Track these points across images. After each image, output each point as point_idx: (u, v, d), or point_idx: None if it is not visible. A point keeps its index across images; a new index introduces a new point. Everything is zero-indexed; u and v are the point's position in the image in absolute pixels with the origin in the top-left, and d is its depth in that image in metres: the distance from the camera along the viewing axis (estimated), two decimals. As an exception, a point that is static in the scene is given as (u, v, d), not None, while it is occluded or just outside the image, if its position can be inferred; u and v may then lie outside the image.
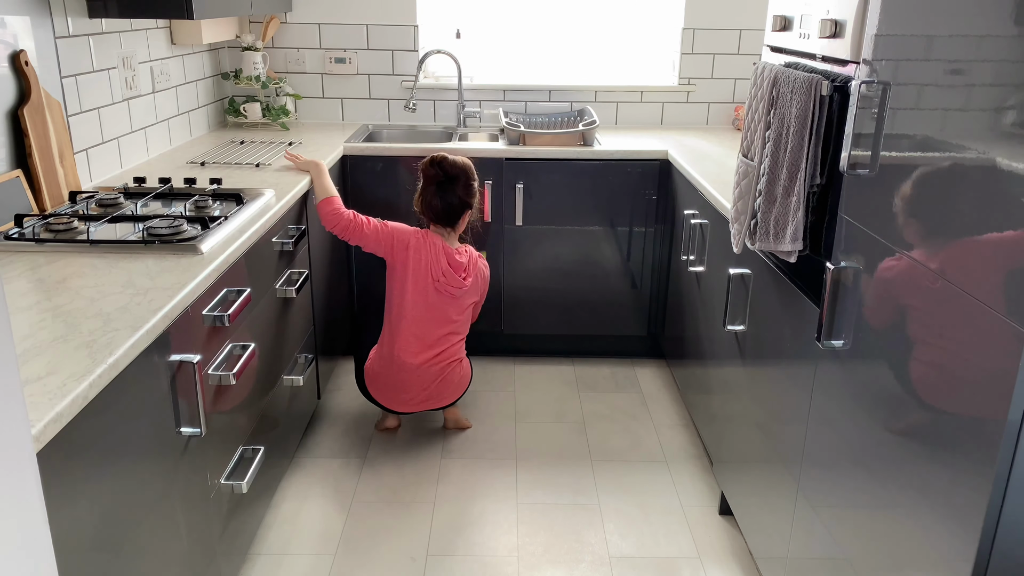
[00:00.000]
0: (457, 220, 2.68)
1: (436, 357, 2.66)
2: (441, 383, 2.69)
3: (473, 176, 2.70)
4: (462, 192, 2.65)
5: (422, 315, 2.63)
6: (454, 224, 2.68)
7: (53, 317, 1.45)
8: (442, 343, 2.67)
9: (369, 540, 2.30)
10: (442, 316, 2.65)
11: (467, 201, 2.67)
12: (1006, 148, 1.09)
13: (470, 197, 2.68)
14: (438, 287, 2.62)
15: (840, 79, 1.61)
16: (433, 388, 2.69)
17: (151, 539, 1.51)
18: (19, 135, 2.07)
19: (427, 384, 2.67)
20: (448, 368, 2.69)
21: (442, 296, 2.64)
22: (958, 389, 1.19)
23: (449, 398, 2.75)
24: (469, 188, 2.67)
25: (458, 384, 2.74)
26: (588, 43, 3.71)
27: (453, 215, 2.66)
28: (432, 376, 2.67)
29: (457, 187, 2.64)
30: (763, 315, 2.04)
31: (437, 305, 2.64)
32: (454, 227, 2.69)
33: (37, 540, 0.93)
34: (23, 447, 0.89)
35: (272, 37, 3.53)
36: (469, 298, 2.71)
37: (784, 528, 1.87)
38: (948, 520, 1.21)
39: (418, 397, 2.69)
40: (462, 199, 2.65)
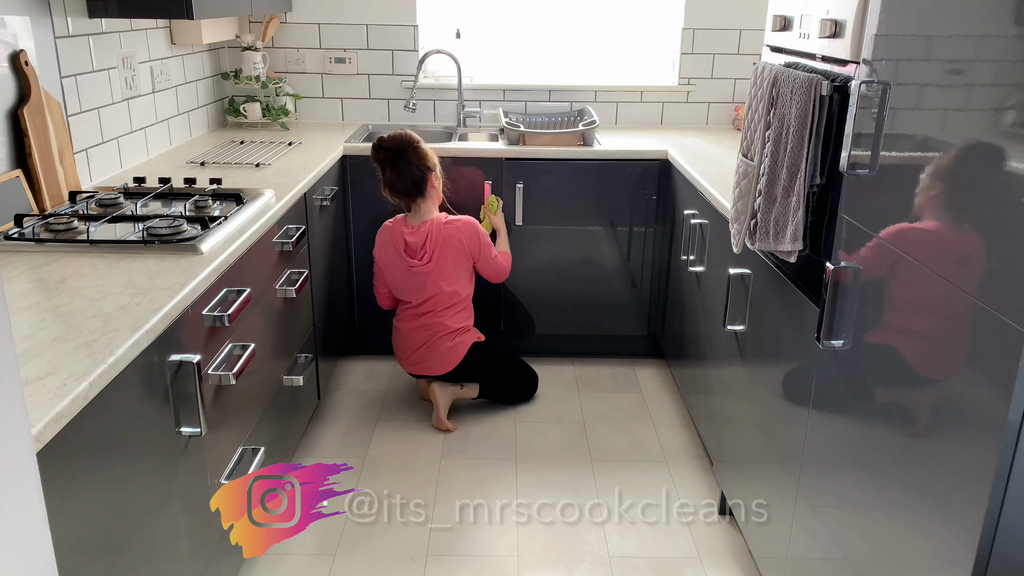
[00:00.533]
0: (423, 188, 2.76)
1: (423, 327, 2.84)
2: (427, 349, 2.85)
3: (415, 141, 2.77)
4: (415, 160, 2.74)
5: (405, 287, 2.85)
6: (422, 193, 2.77)
7: (53, 317, 1.45)
8: (424, 315, 2.84)
9: (369, 540, 2.30)
10: (423, 287, 2.81)
11: (422, 166, 2.75)
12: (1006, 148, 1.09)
13: (424, 161, 2.76)
14: (405, 268, 2.81)
15: (840, 79, 1.61)
16: (421, 352, 2.86)
17: (151, 539, 1.51)
18: (19, 135, 2.07)
19: (416, 347, 2.87)
20: (436, 338, 2.84)
21: (414, 275, 2.81)
22: (958, 389, 1.19)
23: (438, 367, 2.87)
24: (418, 153, 2.76)
25: (446, 355, 2.84)
26: (588, 43, 3.71)
27: (416, 186, 2.75)
28: (419, 342, 2.86)
29: (407, 158, 2.74)
30: (763, 315, 2.04)
31: (413, 283, 2.82)
32: (423, 195, 2.78)
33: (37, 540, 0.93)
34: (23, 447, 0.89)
35: (272, 37, 3.53)
36: (448, 269, 2.79)
37: (784, 528, 1.87)
38: (948, 520, 1.21)
39: (411, 358, 2.90)
40: (417, 166, 2.74)
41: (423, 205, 2.80)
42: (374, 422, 2.93)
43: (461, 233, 2.81)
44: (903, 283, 1.34)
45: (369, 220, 3.20)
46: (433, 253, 2.77)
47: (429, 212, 2.80)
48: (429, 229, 2.77)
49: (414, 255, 2.78)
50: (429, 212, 2.80)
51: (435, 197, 2.82)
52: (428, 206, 2.80)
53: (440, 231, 2.78)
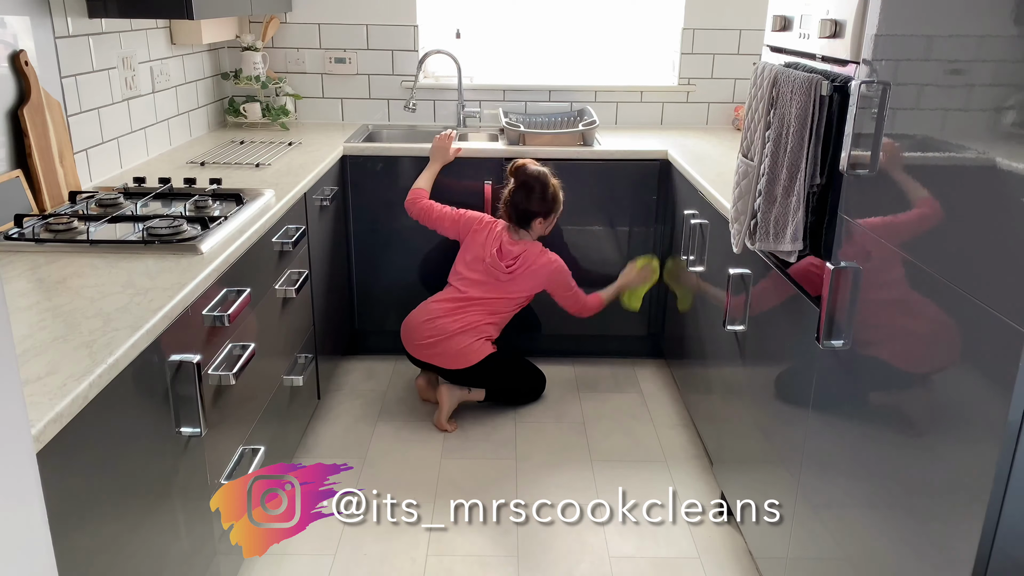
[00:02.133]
0: (527, 223, 2.91)
1: (453, 314, 2.86)
2: (447, 340, 2.85)
3: (548, 186, 2.89)
4: (536, 201, 2.88)
5: (462, 277, 2.93)
6: (525, 226, 2.92)
7: (53, 317, 1.45)
8: (466, 306, 2.88)
9: (369, 540, 2.30)
10: (479, 285, 2.89)
11: (537, 210, 2.89)
12: (1006, 148, 1.09)
13: (542, 207, 2.90)
14: (486, 266, 2.89)
15: (840, 79, 1.61)
16: (437, 342, 2.86)
17: (151, 539, 1.51)
18: (19, 135, 2.07)
19: (435, 333, 2.86)
20: (459, 331, 2.84)
21: (489, 274, 2.89)
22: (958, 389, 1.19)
23: (449, 362, 2.86)
24: (543, 198, 2.89)
25: (460, 354, 2.85)
26: (588, 43, 3.71)
27: (523, 217, 2.90)
28: (442, 328, 2.85)
29: (530, 194, 2.87)
30: (763, 315, 2.04)
31: (484, 283, 2.89)
32: (527, 228, 2.92)
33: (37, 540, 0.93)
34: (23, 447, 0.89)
35: (272, 37, 3.53)
36: (517, 288, 2.91)
37: (784, 528, 1.87)
38: (948, 520, 1.21)
39: (424, 342, 2.89)
40: (532, 208, 2.88)
41: (524, 232, 2.93)
42: (374, 422, 2.93)
43: (547, 270, 2.91)
44: (903, 283, 1.34)
45: (369, 220, 3.20)
46: (518, 270, 2.88)
47: (526, 238, 2.93)
48: (525, 249, 2.90)
49: (503, 259, 2.87)
50: (526, 238, 2.93)
51: (535, 235, 2.94)
52: (528, 235, 2.93)
53: (535, 258, 2.90)
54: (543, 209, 2.90)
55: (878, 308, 1.43)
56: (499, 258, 2.88)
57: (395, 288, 3.30)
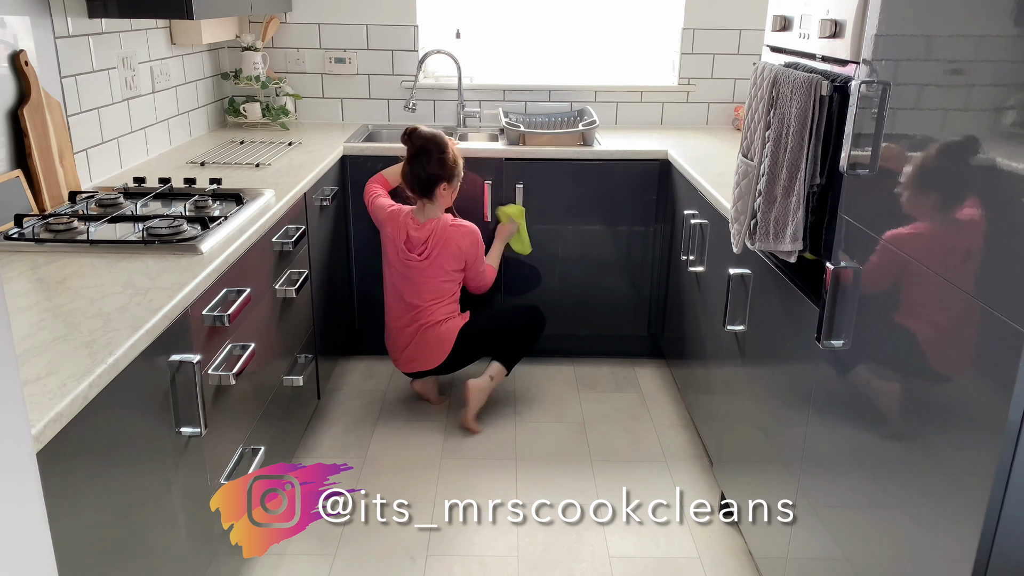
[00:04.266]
0: (431, 191, 2.78)
1: (411, 320, 2.84)
2: (417, 345, 2.85)
3: (443, 147, 2.78)
4: (434, 164, 2.75)
5: (396, 283, 2.85)
6: (429, 195, 2.79)
7: (53, 317, 1.45)
8: (415, 308, 2.83)
9: (369, 540, 2.30)
10: (414, 286, 2.81)
11: (438, 173, 2.76)
12: (1006, 148, 1.09)
13: (442, 169, 2.77)
14: (401, 260, 2.81)
15: (840, 79, 1.61)
16: (412, 349, 2.86)
17: (151, 539, 1.51)
18: (19, 135, 2.07)
19: (405, 345, 2.87)
20: (422, 331, 2.83)
21: (409, 268, 2.80)
22: (958, 389, 1.19)
23: (431, 360, 2.86)
24: (442, 160, 2.76)
25: (436, 346, 2.83)
26: (588, 43, 3.71)
27: (425, 186, 2.77)
28: (408, 337, 2.86)
29: (428, 158, 2.75)
30: (763, 315, 2.04)
31: (407, 275, 2.81)
32: (430, 198, 2.79)
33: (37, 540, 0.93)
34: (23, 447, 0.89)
35: (272, 37, 3.53)
36: (441, 268, 2.80)
37: (784, 528, 1.87)
38: (948, 520, 1.21)
39: (404, 357, 2.90)
40: (432, 171, 2.75)
41: (427, 206, 2.81)
42: (374, 422, 2.93)
43: (463, 239, 2.81)
44: (903, 283, 1.34)
45: (369, 220, 3.20)
46: (432, 252, 2.78)
47: (433, 213, 2.82)
48: (433, 228, 2.78)
49: (413, 249, 2.79)
50: (433, 213, 2.82)
51: (442, 203, 2.83)
52: (433, 208, 2.81)
53: (444, 232, 2.78)
54: (445, 172, 2.76)
55: (878, 308, 1.43)
56: (408, 248, 2.78)
57: (395, 288, 3.29)
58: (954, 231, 1.20)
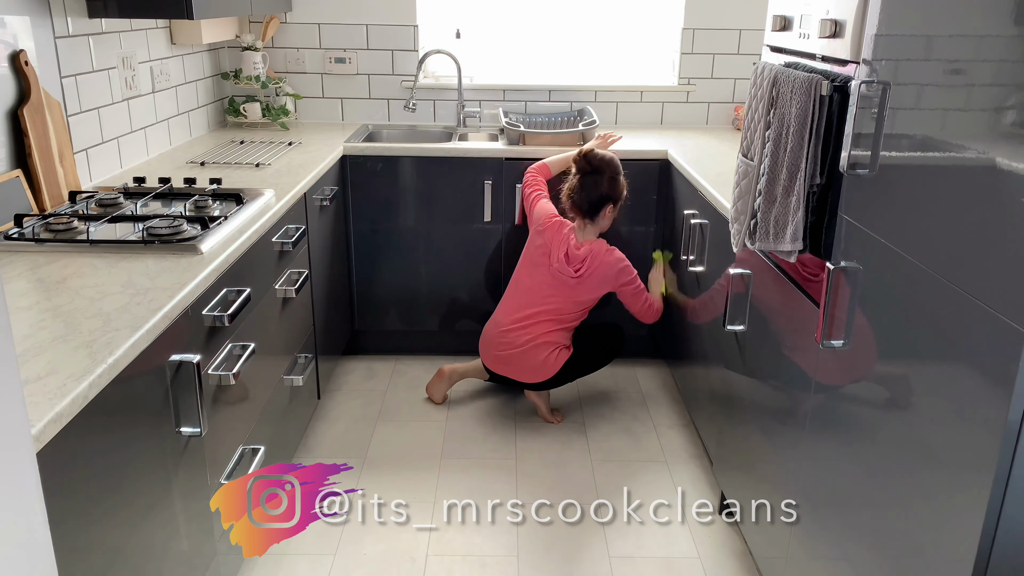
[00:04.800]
0: (598, 211, 2.81)
1: (525, 326, 2.82)
2: (521, 355, 2.82)
3: (617, 169, 2.83)
4: (606, 184, 2.79)
5: (527, 287, 2.85)
6: (594, 215, 2.81)
7: (53, 317, 1.45)
8: (534, 319, 2.82)
9: (369, 540, 2.30)
10: (544, 296, 2.82)
11: (608, 194, 2.80)
12: (1006, 148, 1.09)
13: (613, 190, 2.81)
14: (552, 272, 2.81)
15: (840, 79, 1.61)
16: (511, 354, 2.84)
17: (151, 539, 1.51)
18: (19, 135, 2.07)
19: (507, 347, 2.84)
20: (531, 345, 2.81)
21: (555, 280, 2.80)
22: (958, 389, 1.19)
23: (527, 376, 2.86)
24: (614, 182, 2.81)
25: (538, 366, 2.82)
26: (588, 43, 3.71)
27: (595, 206, 2.80)
28: (512, 342, 2.83)
29: (601, 178, 2.79)
30: (763, 315, 2.04)
31: (544, 285, 2.82)
32: (593, 219, 2.82)
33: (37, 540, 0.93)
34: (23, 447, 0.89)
35: (272, 37, 3.53)
36: (585, 292, 2.81)
37: (784, 528, 1.87)
38: (948, 520, 1.21)
39: (498, 357, 2.88)
40: (604, 191, 2.79)
41: (589, 227, 2.83)
42: (374, 422, 2.93)
43: (614, 269, 2.81)
44: (903, 283, 1.34)
45: (369, 220, 3.20)
46: (586, 272, 2.78)
47: (591, 235, 2.84)
48: (591, 250, 2.79)
49: (571, 264, 2.79)
50: (591, 235, 2.84)
51: (601, 226, 2.86)
52: (592, 230, 2.84)
53: (602, 257, 2.80)
54: (615, 193, 2.80)
55: (878, 308, 1.43)
56: (567, 263, 2.79)
57: (395, 288, 3.30)
58: (954, 231, 1.20)
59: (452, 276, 3.29)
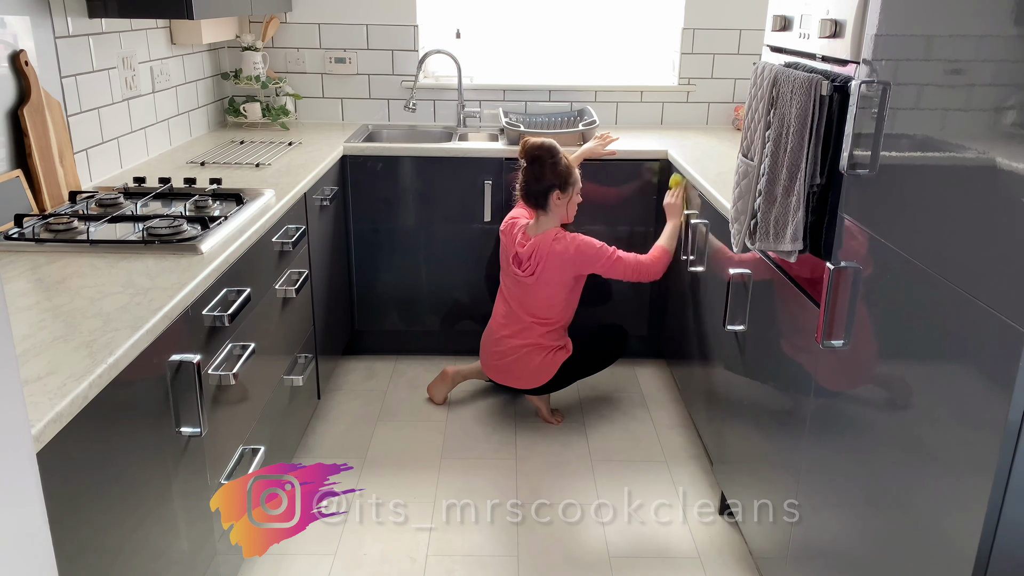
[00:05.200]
0: (545, 200, 2.73)
1: (516, 333, 2.82)
2: (515, 362, 2.82)
3: (554, 153, 2.73)
4: (547, 171, 2.71)
5: (510, 296, 2.85)
6: (544, 205, 2.74)
7: (53, 317, 1.45)
8: (520, 323, 2.82)
9: (369, 540, 2.30)
10: (524, 300, 2.80)
11: (551, 180, 2.71)
12: (1006, 148, 1.09)
13: (555, 176, 2.71)
14: (513, 277, 2.80)
15: (840, 79, 1.61)
16: (507, 363, 2.84)
17: (151, 539, 1.51)
18: (19, 135, 2.07)
19: (502, 356, 2.84)
20: (524, 352, 2.81)
21: (519, 283, 2.79)
22: (958, 389, 1.19)
23: (524, 382, 2.85)
24: (555, 167, 2.72)
25: (533, 371, 2.81)
26: (588, 43, 3.71)
27: (540, 196, 2.73)
28: (505, 351, 2.83)
29: (541, 166, 2.71)
30: (763, 315, 2.04)
31: (517, 291, 2.81)
32: (544, 208, 2.75)
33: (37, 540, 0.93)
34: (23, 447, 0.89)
35: (272, 37, 3.53)
36: (547, 287, 2.75)
37: (784, 528, 1.87)
38: (948, 520, 1.21)
39: (496, 366, 2.88)
40: (545, 177, 2.71)
41: (542, 218, 2.77)
42: (374, 422, 2.93)
43: (565, 251, 2.71)
44: (903, 283, 1.34)
45: (369, 220, 3.20)
46: (536, 268, 2.73)
47: (546, 226, 2.76)
48: (536, 245, 2.72)
49: (520, 266, 2.76)
50: (546, 226, 2.76)
51: (557, 215, 2.76)
52: (547, 220, 2.76)
53: (547, 248, 2.71)
54: (557, 178, 2.69)
55: (878, 308, 1.43)
56: (516, 265, 2.77)
57: (395, 288, 3.30)
58: (954, 231, 1.20)
59: (452, 276, 3.29)
